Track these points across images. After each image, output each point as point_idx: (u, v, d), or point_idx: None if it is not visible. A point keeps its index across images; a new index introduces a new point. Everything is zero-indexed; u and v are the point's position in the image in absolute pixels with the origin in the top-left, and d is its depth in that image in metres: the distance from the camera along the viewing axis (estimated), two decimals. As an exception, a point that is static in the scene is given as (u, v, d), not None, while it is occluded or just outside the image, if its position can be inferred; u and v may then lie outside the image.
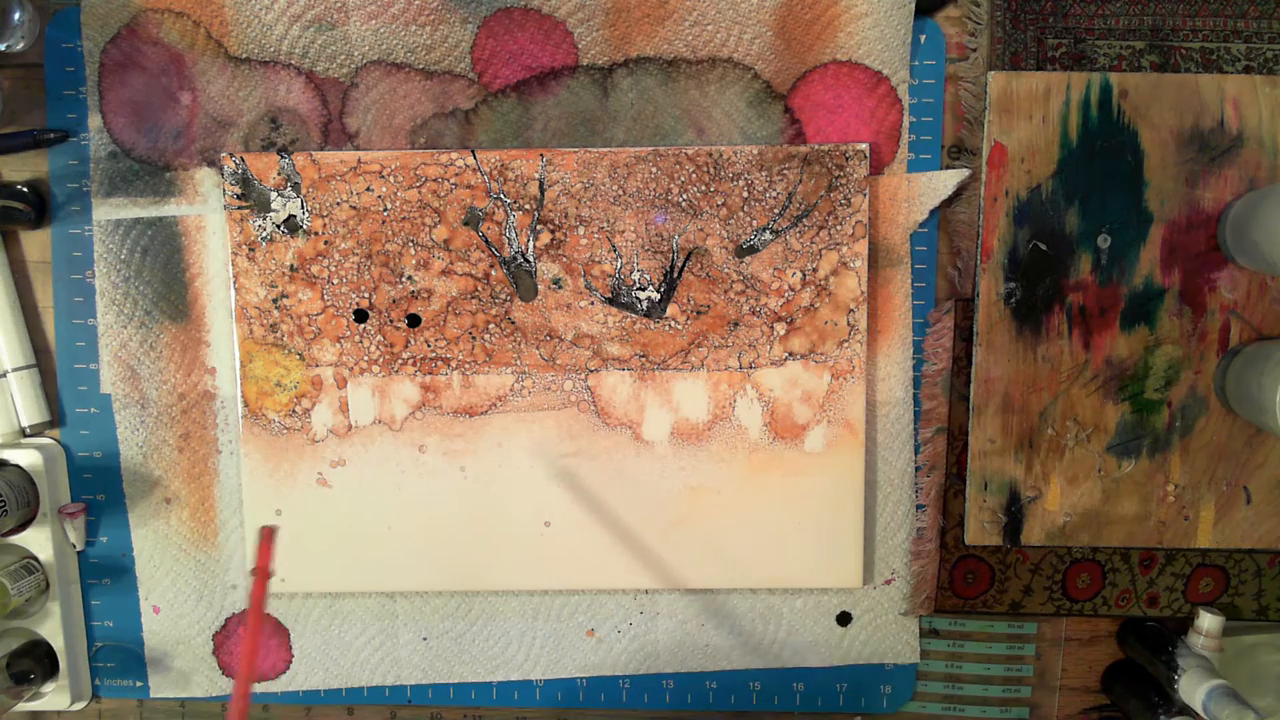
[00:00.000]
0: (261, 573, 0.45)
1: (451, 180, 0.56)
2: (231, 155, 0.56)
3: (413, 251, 0.57)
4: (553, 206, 0.56)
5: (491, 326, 0.57)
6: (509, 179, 0.56)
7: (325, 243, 0.57)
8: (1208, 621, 0.57)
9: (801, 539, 0.59)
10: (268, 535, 0.46)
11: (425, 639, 0.61)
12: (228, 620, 0.61)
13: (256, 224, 0.57)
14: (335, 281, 0.57)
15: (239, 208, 0.57)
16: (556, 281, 0.57)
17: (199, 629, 0.61)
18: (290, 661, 0.61)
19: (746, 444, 0.58)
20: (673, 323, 0.57)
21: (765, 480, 0.58)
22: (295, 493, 0.59)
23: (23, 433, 0.60)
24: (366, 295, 0.57)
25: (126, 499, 0.60)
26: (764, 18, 0.56)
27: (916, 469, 0.59)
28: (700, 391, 0.58)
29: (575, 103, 0.57)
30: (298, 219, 0.57)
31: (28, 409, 0.59)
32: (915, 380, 0.59)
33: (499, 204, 0.56)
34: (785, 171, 0.56)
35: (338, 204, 0.57)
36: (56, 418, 0.60)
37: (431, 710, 0.62)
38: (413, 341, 0.57)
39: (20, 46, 0.57)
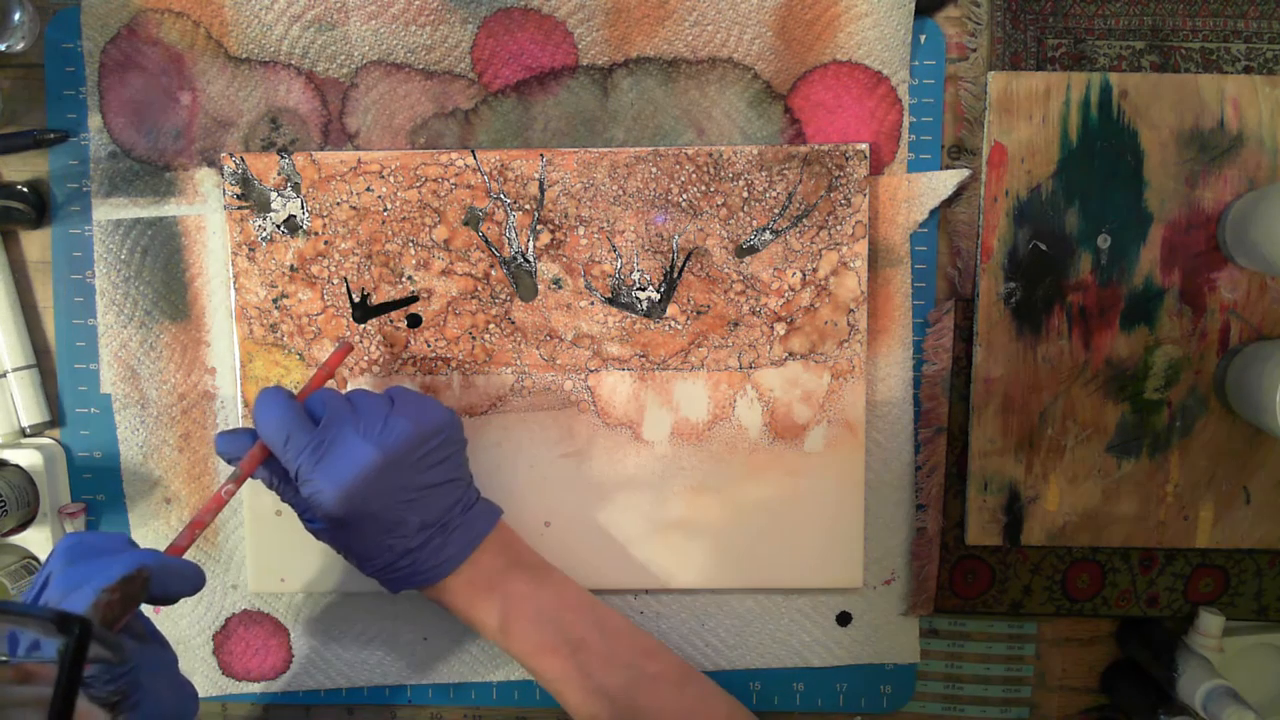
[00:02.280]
0: (331, 367, 0.53)
1: (451, 180, 0.56)
2: (231, 155, 0.56)
3: (413, 251, 0.57)
4: (553, 206, 0.56)
5: (491, 326, 0.57)
6: (509, 179, 0.56)
7: (325, 243, 0.57)
8: (1208, 621, 0.57)
9: (801, 539, 0.59)
10: (345, 349, 0.54)
11: (425, 639, 0.61)
12: (228, 620, 0.61)
13: (256, 224, 0.57)
14: (335, 282, 0.57)
15: (239, 208, 0.57)
16: (556, 281, 0.57)
17: (199, 629, 0.61)
18: (290, 661, 0.61)
19: (746, 444, 0.58)
20: (673, 323, 0.57)
21: (765, 480, 0.58)
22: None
23: (23, 433, 0.60)
24: (367, 295, 0.57)
25: (126, 499, 0.60)
26: (764, 18, 0.56)
27: (916, 469, 0.59)
28: (700, 391, 0.58)
29: (575, 103, 0.57)
30: (298, 219, 0.57)
31: (28, 409, 0.59)
32: (915, 380, 0.59)
33: (499, 204, 0.56)
34: (785, 171, 0.56)
35: (338, 204, 0.57)
36: (56, 418, 0.60)
37: (431, 710, 0.62)
38: (413, 341, 0.57)
39: (20, 46, 0.57)
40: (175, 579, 0.43)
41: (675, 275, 0.57)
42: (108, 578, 0.39)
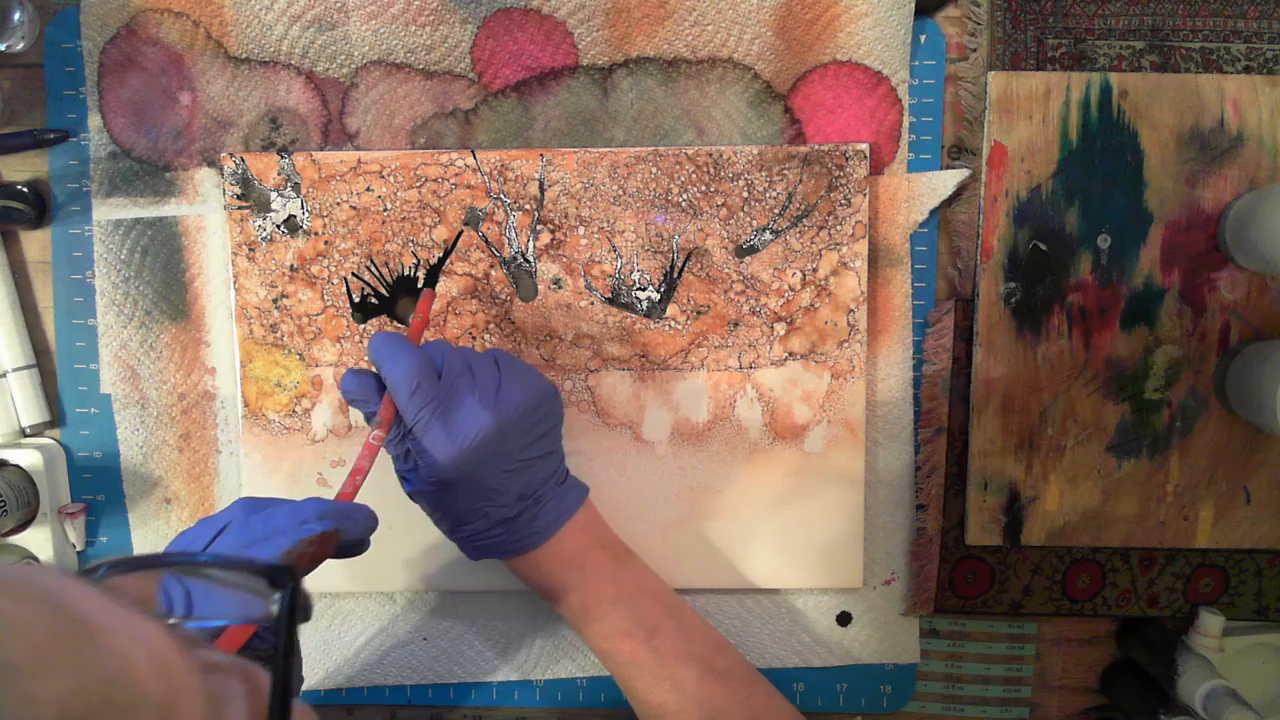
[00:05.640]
0: (427, 315, 0.52)
1: (451, 180, 0.56)
2: (231, 155, 0.56)
3: (413, 251, 0.57)
4: (553, 206, 0.56)
5: (491, 326, 0.57)
6: (509, 179, 0.56)
7: (325, 243, 0.57)
8: (1208, 621, 0.57)
9: (801, 539, 0.59)
10: (430, 295, 0.52)
11: (425, 639, 0.61)
12: (228, 620, 0.61)
13: (256, 224, 0.57)
14: (335, 281, 0.57)
15: (239, 208, 0.57)
16: (556, 281, 0.57)
17: (199, 629, 0.61)
18: (290, 661, 0.61)
19: (746, 444, 0.58)
20: (673, 323, 0.57)
21: (765, 480, 0.58)
22: (295, 493, 0.59)
23: (23, 433, 0.60)
24: (367, 296, 0.57)
25: (126, 499, 0.60)
26: (764, 18, 0.56)
27: (916, 469, 0.59)
28: (700, 391, 0.58)
29: (575, 103, 0.57)
30: (298, 219, 0.57)
31: (28, 409, 0.59)
32: (915, 380, 0.59)
33: (499, 204, 0.56)
34: (785, 171, 0.56)
35: (338, 204, 0.57)
36: (56, 418, 0.60)
37: (431, 710, 0.62)
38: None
39: (20, 46, 0.57)
40: (355, 525, 0.43)
41: (675, 275, 0.57)
42: (305, 530, 0.39)
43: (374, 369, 0.49)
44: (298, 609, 0.26)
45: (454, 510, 0.49)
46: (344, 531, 0.42)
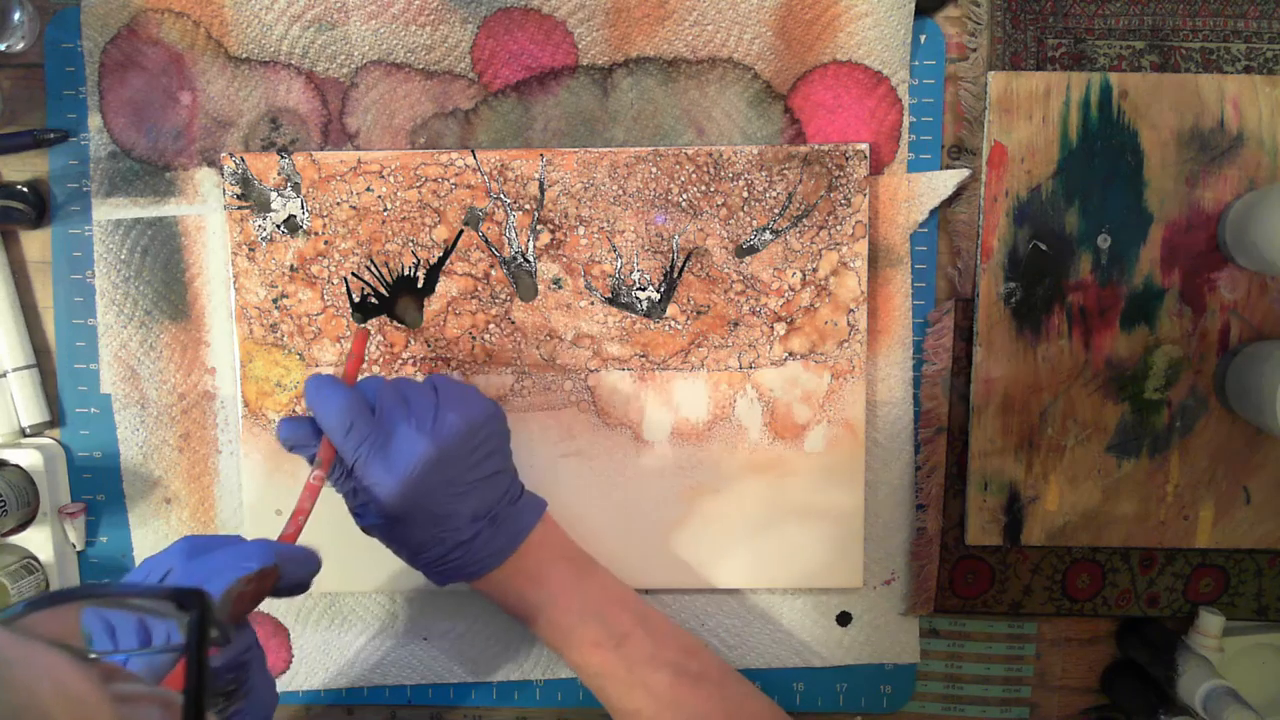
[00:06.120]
0: (361, 353, 0.52)
1: (451, 180, 0.56)
2: (231, 155, 0.56)
3: (413, 251, 0.57)
4: (553, 206, 0.56)
5: (491, 326, 0.57)
6: (509, 179, 0.56)
7: (325, 243, 0.57)
8: (1208, 621, 0.57)
9: (801, 539, 0.59)
10: (365, 334, 0.52)
11: (425, 639, 0.61)
12: (228, 620, 0.61)
13: (256, 224, 0.57)
14: (335, 281, 0.57)
15: (239, 208, 0.57)
16: (556, 281, 0.57)
17: (199, 629, 0.61)
18: (290, 661, 0.61)
19: (746, 444, 0.58)
20: (673, 323, 0.57)
21: (765, 480, 0.58)
22: (295, 493, 0.58)
23: (23, 433, 0.60)
24: (366, 296, 0.57)
25: (126, 499, 0.60)
26: (764, 18, 0.56)
27: (916, 469, 0.59)
28: (700, 391, 0.58)
29: (575, 103, 0.57)
30: (298, 219, 0.57)
31: (28, 409, 0.59)
32: (915, 380, 0.59)
33: (499, 204, 0.56)
34: (785, 171, 0.56)
35: (338, 204, 0.57)
36: (56, 418, 0.60)
37: (431, 710, 0.62)
38: (413, 342, 0.57)
39: (20, 46, 0.57)
40: (297, 566, 0.43)
41: (675, 275, 0.57)
42: (243, 569, 0.39)
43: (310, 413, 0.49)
44: (207, 631, 0.26)
45: (409, 540, 0.50)
46: (286, 571, 0.41)
